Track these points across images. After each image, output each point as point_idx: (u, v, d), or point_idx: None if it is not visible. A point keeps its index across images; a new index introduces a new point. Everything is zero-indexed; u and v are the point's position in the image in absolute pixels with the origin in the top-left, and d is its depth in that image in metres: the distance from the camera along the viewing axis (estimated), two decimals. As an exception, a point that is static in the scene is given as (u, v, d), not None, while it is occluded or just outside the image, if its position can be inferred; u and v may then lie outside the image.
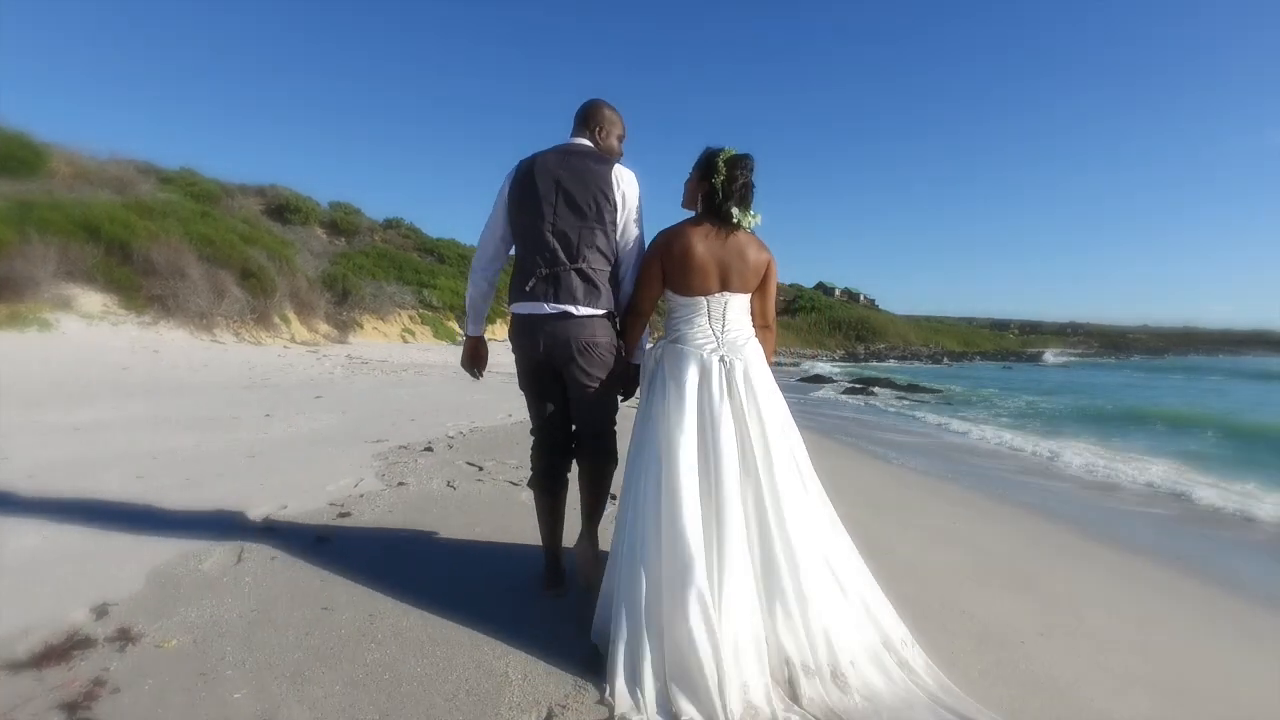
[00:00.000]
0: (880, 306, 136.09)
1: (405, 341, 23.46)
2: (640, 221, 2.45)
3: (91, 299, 13.50)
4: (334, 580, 2.50)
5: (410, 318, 25.07)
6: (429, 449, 5.06)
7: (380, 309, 23.36)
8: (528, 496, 3.83)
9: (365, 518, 3.28)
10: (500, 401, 8.12)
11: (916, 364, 56.26)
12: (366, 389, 9.50)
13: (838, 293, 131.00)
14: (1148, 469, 7.85)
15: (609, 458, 2.57)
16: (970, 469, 7.57)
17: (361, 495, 3.68)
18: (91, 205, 15.05)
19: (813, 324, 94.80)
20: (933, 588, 3.01)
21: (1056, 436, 10.75)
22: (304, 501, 3.49)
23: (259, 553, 2.73)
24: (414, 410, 7.28)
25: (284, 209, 27.91)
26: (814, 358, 62.71)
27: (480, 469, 4.47)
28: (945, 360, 63.47)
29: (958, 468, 7.48)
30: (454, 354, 20.47)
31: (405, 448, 5.06)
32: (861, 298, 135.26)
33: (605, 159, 2.43)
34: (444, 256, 32.17)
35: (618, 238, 2.40)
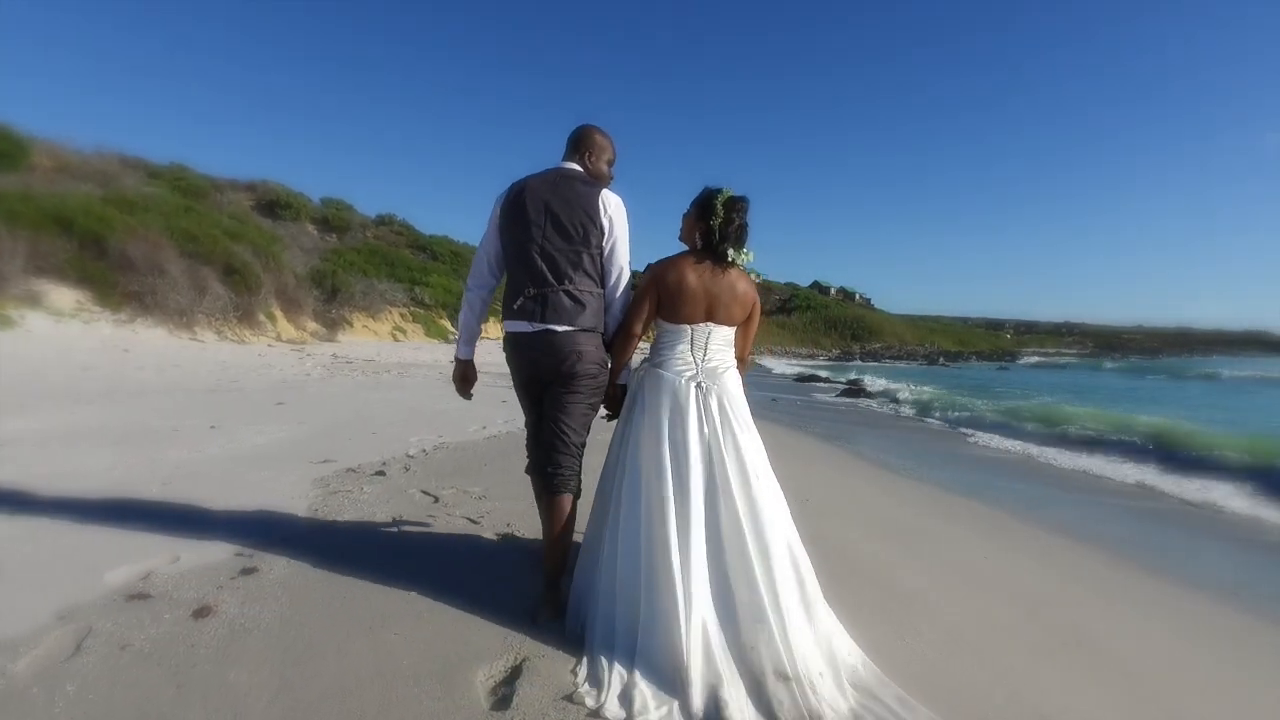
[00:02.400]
0: (876, 306, 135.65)
1: (396, 340, 22.90)
2: (627, 245, 2.51)
3: (64, 295, 12.88)
4: (193, 685, 1.81)
5: (401, 315, 24.56)
6: (381, 472, 4.36)
7: (371, 306, 22.86)
8: (486, 541, 3.21)
9: (273, 575, 2.58)
10: (478, 410, 7.38)
11: (912, 364, 55.64)
12: (339, 393, 8.81)
13: (833, 291, 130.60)
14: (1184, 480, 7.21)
15: (571, 490, 2.48)
16: (981, 478, 7.00)
17: (280, 540, 2.98)
18: (64, 198, 14.43)
19: (808, 323, 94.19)
20: (987, 662, 2.40)
21: (1062, 441, 10.13)
22: (203, 551, 2.78)
23: (108, 639, 2.02)
24: (380, 420, 6.59)
25: (275, 204, 27.51)
26: (810, 356, 62.04)
27: (436, 500, 3.81)
28: (941, 360, 62.83)
29: (969, 478, 6.90)
30: (444, 352, 19.86)
31: (354, 470, 4.36)
32: (857, 297, 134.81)
33: (594, 184, 2.50)
34: (437, 254, 31.62)
35: (604, 261, 2.48)
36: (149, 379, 8.69)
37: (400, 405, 7.86)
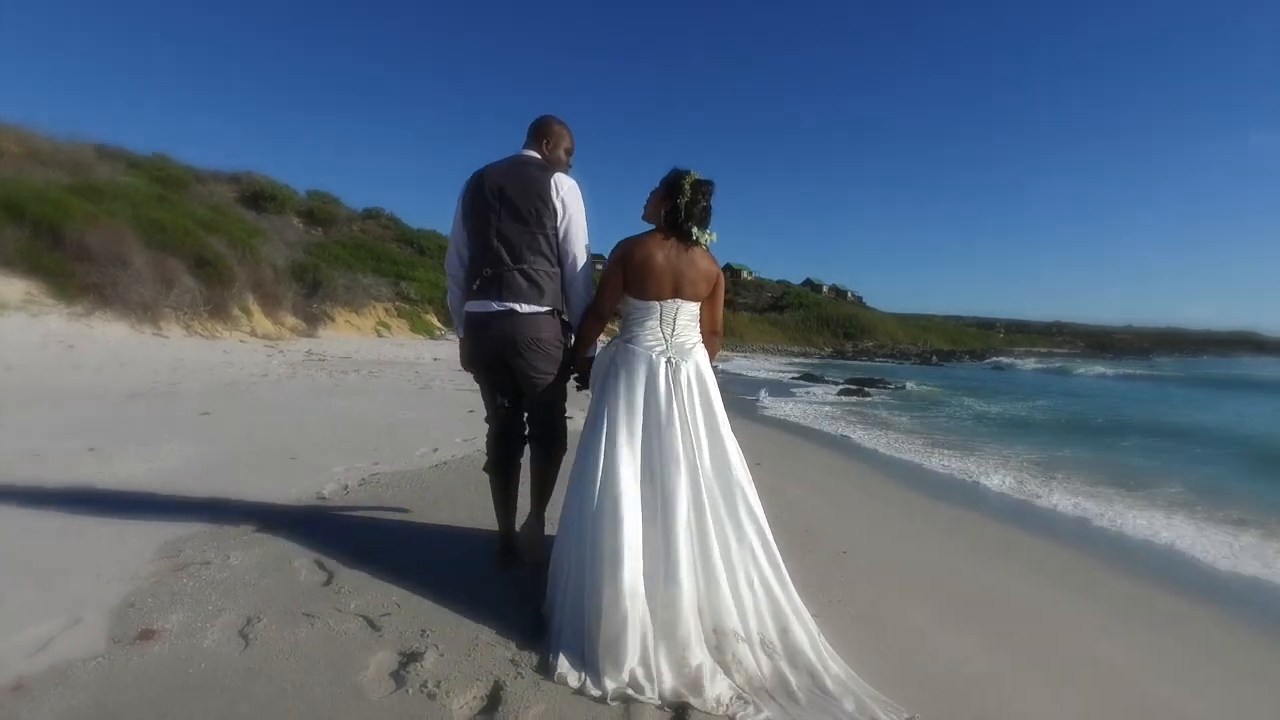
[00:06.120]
0: (868, 304, 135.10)
1: (379, 335, 21.99)
2: (583, 227, 2.63)
3: (12, 286, 11.88)
4: None
5: (386, 310, 23.72)
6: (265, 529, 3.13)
7: (354, 301, 21.97)
8: (381, 665, 2.09)
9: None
10: (437, 424, 6.39)
11: (906, 363, 54.90)
12: (285, 399, 7.72)
13: (825, 289, 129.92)
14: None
15: (557, 445, 2.74)
16: (1020, 501, 5.97)
17: (47, 668, 1.78)
18: (15, 183, 13.45)
19: (800, 321, 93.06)
20: None
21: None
22: None
23: None
24: (311, 438, 5.50)
25: (259, 197, 26.65)
26: (804, 355, 61.04)
27: (329, 580, 2.60)
28: (934, 359, 62.11)
29: (1006, 502, 5.91)
30: (428, 349, 19.00)
31: (231, 526, 3.12)
32: (849, 295, 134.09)
33: (547, 168, 2.63)
34: (424, 248, 30.82)
35: (560, 241, 2.60)
36: (75, 380, 7.67)
37: (348, 416, 6.79)
